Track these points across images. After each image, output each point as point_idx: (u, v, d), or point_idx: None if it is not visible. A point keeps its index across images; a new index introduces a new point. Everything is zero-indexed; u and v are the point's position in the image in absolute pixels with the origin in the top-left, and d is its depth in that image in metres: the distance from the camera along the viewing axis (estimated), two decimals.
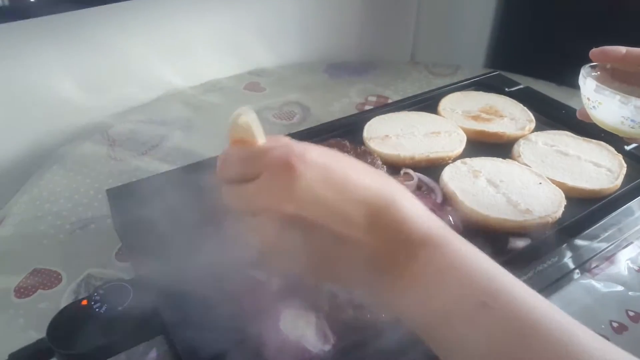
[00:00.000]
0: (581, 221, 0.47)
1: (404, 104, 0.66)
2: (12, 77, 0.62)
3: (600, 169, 0.54)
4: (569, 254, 0.44)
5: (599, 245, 0.46)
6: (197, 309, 0.35)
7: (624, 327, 0.43)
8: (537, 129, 0.61)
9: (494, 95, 0.67)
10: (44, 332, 0.34)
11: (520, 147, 0.56)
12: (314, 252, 0.26)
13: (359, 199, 0.26)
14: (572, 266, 0.45)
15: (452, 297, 0.25)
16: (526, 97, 0.67)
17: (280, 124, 0.70)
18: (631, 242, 0.50)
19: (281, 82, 0.81)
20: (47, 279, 0.46)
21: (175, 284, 0.35)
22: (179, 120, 0.71)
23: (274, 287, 0.38)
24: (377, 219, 0.26)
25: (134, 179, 0.52)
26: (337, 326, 0.36)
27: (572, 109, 0.64)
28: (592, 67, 0.44)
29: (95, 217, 0.53)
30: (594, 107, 0.43)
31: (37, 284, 0.46)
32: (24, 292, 0.45)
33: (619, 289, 0.46)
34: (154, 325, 0.35)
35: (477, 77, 0.72)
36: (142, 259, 0.40)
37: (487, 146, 0.58)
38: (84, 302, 0.35)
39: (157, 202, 0.43)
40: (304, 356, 0.33)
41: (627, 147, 0.57)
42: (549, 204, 0.48)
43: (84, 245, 0.50)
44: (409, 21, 0.93)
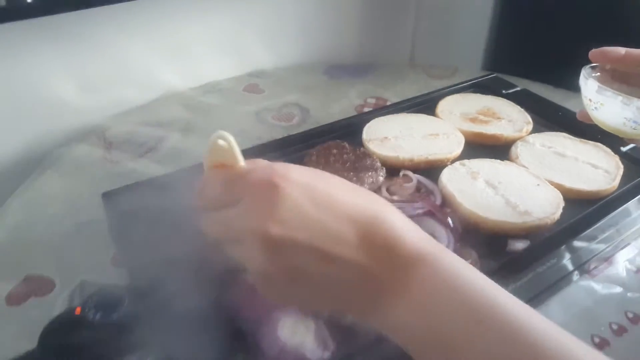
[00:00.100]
0: (579, 222, 0.47)
1: (403, 106, 0.66)
2: (8, 77, 0.61)
3: (597, 170, 0.54)
4: (567, 256, 0.44)
5: (597, 246, 0.46)
6: (194, 316, 0.34)
7: (624, 329, 0.43)
8: (535, 130, 0.61)
9: (491, 97, 0.68)
10: (37, 341, 0.33)
11: (517, 149, 0.56)
12: (303, 276, 0.25)
13: (347, 217, 0.26)
14: (571, 268, 0.45)
15: (447, 316, 0.24)
16: (523, 99, 0.67)
17: (279, 125, 0.70)
18: (629, 243, 0.50)
19: (280, 83, 0.81)
20: (39, 286, 0.46)
21: (171, 290, 0.34)
22: (177, 121, 0.70)
23: None
24: (367, 237, 0.26)
25: (130, 182, 0.51)
26: (336, 333, 0.35)
27: (569, 111, 0.65)
28: (592, 68, 0.44)
29: (90, 222, 0.53)
30: (596, 108, 0.43)
31: (30, 291, 0.45)
32: (15, 299, 0.44)
33: (618, 290, 0.46)
34: (150, 332, 0.35)
35: (474, 79, 0.73)
36: (138, 265, 0.40)
37: (485, 148, 0.58)
38: (78, 310, 0.35)
39: (154, 206, 0.42)
40: None
41: (623, 149, 0.57)
42: (547, 206, 0.48)
43: (79, 250, 0.49)
44: (408, 24, 0.93)
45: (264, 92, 0.79)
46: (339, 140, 0.56)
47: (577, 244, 0.45)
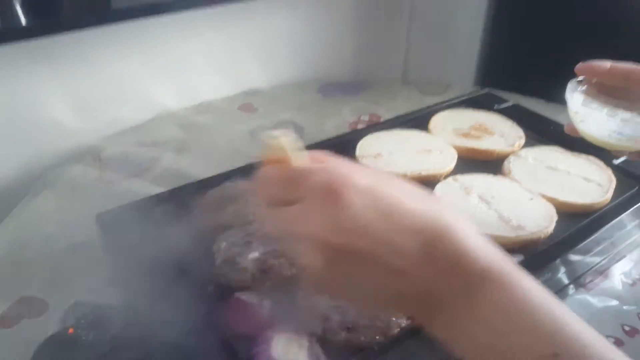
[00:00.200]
0: (573, 236, 0.47)
1: (396, 122, 0.67)
2: (3, 98, 0.62)
3: (590, 184, 0.54)
4: (562, 269, 0.44)
5: (592, 259, 0.46)
6: (188, 335, 0.34)
7: (621, 342, 0.42)
8: (527, 145, 0.61)
9: (483, 112, 0.68)
10: None
11: (510, 164, 0.57)
12: (363, 282, 0.25)
13: (412, 228, 0.24)
14: (566, 281, 0.45)
15: (519, 345, 0.23)
16: (515, 114, 0.68)
17: None
18: (624, 256, 0.50)
19: (275, 101, 0.81)
20: (32, 308, 0.45)
21: (164, 310, 0.34)
22: (172, 141, 0.70)
23: (266, 311, 0.37)
24: (432, 250, 0.24)
25: (124, 203, 0.51)
26: (330, 350, 0.35)
27: (561, 125, 0.65)
28: (579, 82, 0.45)
29: (85, 242, 0.52)
30: (582, 120, 0.43)
31: (23, 313, 0.44)
32: (7, 322, 0.44)
33: (614, 303, 0.46)
34: (143, 352, 0.35)
35: (467, 95, 0.74)
36: (131, 285, 0.39)
37: (478, 163, 0.59)
38: (71, 330, 0.35)
39: (148, 226, 0.43)
40: None
41: (615, 162, 0.58)
42: (541, 220, 0.48)
43: (73, 271, 0.49)
44: (400, 41, 0.95)
45: (258, 110, 0.80)
46: None
47: (572, 257, 0.45)
